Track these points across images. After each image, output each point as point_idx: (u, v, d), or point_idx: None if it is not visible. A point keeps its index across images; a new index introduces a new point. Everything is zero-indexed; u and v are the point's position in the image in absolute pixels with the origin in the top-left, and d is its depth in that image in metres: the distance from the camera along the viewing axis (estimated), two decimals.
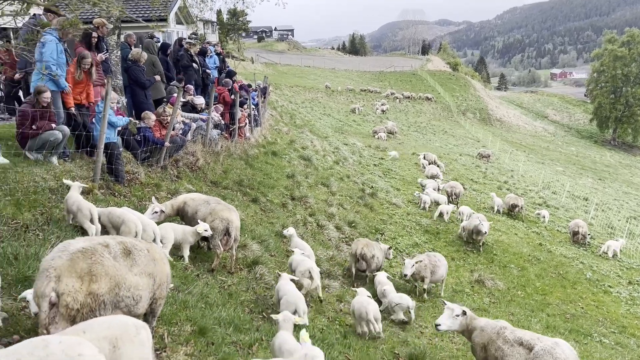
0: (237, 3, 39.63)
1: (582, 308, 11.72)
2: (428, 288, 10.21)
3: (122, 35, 15.20)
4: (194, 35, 21.85)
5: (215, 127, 12.94)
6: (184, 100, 12.14)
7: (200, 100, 12.67)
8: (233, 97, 14.23)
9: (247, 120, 16.31)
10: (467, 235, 14.10)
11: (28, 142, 7.64)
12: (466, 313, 6.05)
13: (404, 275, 9.70)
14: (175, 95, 10.81)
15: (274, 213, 11.37)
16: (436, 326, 6.14)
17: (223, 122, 13.70)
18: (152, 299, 4.24)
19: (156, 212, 7.26)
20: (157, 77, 11.68)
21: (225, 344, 5.27)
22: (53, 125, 7.76)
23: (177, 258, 7.00)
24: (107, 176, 8.18)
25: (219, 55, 17.69)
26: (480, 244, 13.90)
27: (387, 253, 10.65)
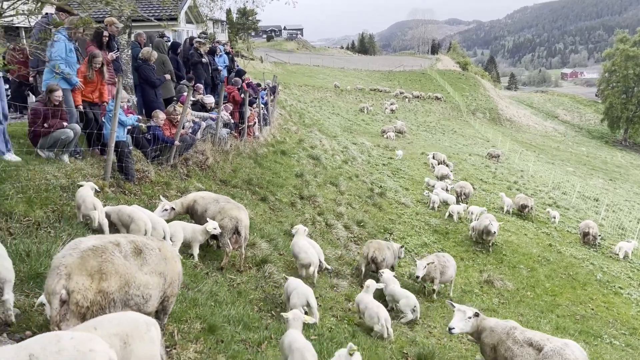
0: (247, 2, 39.84)
1: (592, 309, 11.63)
2: (437, 289, 10.18)
3: (133, 34, 15.31)
4: (204, 34, 21.95)
5: (224, 126, 12.99)
6: (194, 99, 12.18)
7: (210, 99, 12.72)
8: (242, 96, 14.27)
9: (256, 119, 16.35)
10: (477, 235, 14.04)
11: (40, 140, 7.71)
12: (479, 315, 6.02)
13: (416, 276, 9.68)
14: (185, 94, 10.86)
15: (283, 212, 11.39)
16: (450, 330, 6.06)
17: (232, 121, 13.74)
18: (163, 297, 4.27)
19: (166, 210, 7.29)
20: (167, 76, 11.74)
21: (234, 342, 5.29)
22: (64, 123, 7.83)
23: (187, 256, 7.03)
24: (118, 174, 8.24)
25: (228, 54, 17.75)
26: (489, 244, 13.84)
27: (399, 252, 10.65)
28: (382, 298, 8.54)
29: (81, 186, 6.35)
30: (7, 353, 2.68)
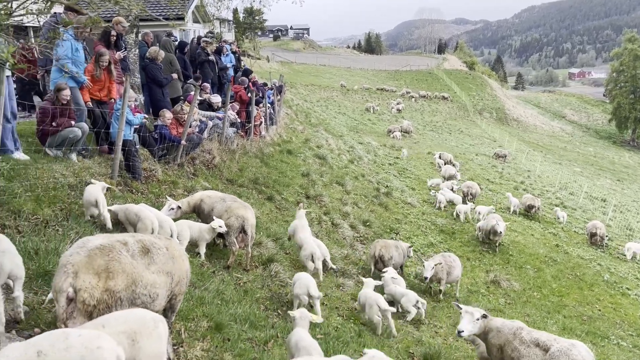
0: (254, 1, 39.76)
1: (599, 310, 11.57)
2: (444, 289, 10.17)
3: (140, 33, 15.36)
4: (211, 33, 21.99)
5: (231, 126, 13.02)
6: (201, 98, 12.21)
7: (217, 98, 12.74)
8: (249, 95, 14.29)
9: (263, 118, 16.37)
10: (483, 235, 14.01)
11: (48, 139, 7.74)
12: (487, 316, 5.99)
13: (424, 278, 9.66)
14: (192, 93, 10.88)
15: (289, 211, 11.39)
16: (459, 333, 5.98)
17: (239, 121, 13.77)
18: (171, 296, 4.29)
19: (172, 209, 7.31)
20: (175, 76, 11.77)
21: (241, 340, 5.31)
22: (72, 122, 7.86)
23: (194, 255, 7.06)
24: (125, 173, 8.28)
25: (235, 53, 17.77)
26: (496, 245, 13.80)
27: (408, 251, 10.65)
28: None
29: (89, 184, 6.39)
30: (16, 350, 2.71)
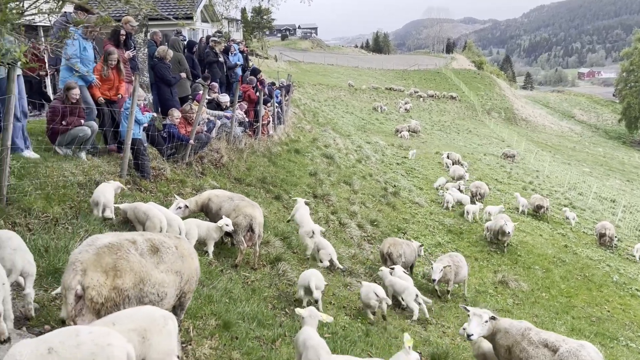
0: (262, 1, 39.69)
1: (609, 311, 11.50)
2: (451, 290, 10.13)
3: (149, 32, 15.43)
4: (219, 33, 22.04)
5: (239, 125, 13.05)
6: (209, 97, 12.25)
7: (225, 98, 12.78)
8: (258, 95, 14.32)
9: (271, 117, 16.39)
10: (492, 235, 13.96)
11: (58, 138, 7.81)
12: (495, 318, 5.96)
13: (432, 280, 9.61)
14: (200, 92, 10.92)
15: None
16: (468, 337, 5.93)
17: (247, 120, 13.79)
18: (180, 294, 4.31)
19: (180, 208, 7.33)
20: (183, 75, 11.81)
21: (249, 339, 5.32)
22: (82, 121, 7.91)
23: (202, 253, 7.08)
24: (134, 172, 8.32)
25: (243, 53, 17.80)
26: (504, 245, 13.74)
27: (419, 250, 10.64)
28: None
29: (99, 183, 6.45)
30: (27, 346, 2.73)
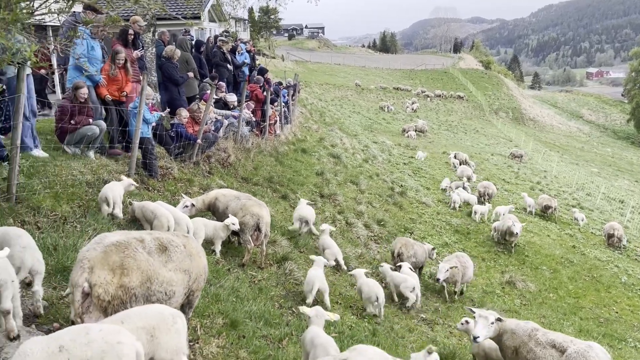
0: (270, 0, 39.66)
1: (617, 312, 11.43)
2: (459, 290, 10.10)
3: (157, 32, 15.48)
4: (226, 32, 22.08)
5: (246, 124, 13.07)
6: (217, 97, 12.28)
7: (232, 97, 12.81)
8: (265, 94, 14.34)
9: (278, 117, 16.41)
10: (499, 236, 13.91)
11: (66, 137, 7.85)
12: (501, 319, 5.94)
13: (437, 280, 9.57)
14: (208, 92, 10.95)
15: None
16: (475, 339, 5.88)
17: (254, 119, 13.82)
18: (189, 292, 4.33)
19: (186, 207, 7.36)
20: (191, 74, 11.84)
21: (256, 338, 5.34)
22: (90, 120, 7.96)
23: (209, 252, 7.11)
24: (142, 171, 8.36)
25: (250, 52, 17.83)
26: (512, 245, 13.69)
27: (430, 253, 10.63)
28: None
29: (107, 182, 6.49)
30: (38, 344, 2.76)
